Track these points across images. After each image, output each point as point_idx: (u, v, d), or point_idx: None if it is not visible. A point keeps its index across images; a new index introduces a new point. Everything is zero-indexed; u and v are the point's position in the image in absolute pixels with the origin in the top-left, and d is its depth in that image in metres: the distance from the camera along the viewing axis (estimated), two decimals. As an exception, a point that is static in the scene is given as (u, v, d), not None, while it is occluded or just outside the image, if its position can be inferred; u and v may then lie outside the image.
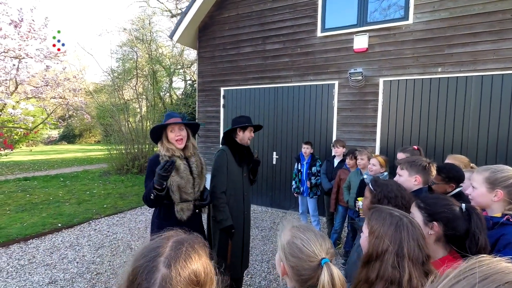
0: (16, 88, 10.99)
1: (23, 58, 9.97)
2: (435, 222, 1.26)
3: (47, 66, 11.12)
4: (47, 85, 11.16)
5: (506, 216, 1.40)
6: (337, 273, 0.87)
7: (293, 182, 4.57)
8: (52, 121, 15.78)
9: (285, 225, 1.05)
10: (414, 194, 1.79)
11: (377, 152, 4.92)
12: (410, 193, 1.63)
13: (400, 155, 2.74)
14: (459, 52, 4.42)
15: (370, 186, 1.65)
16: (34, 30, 9.67)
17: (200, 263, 0.74)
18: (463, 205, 1.26)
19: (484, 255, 0.35)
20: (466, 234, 1.21)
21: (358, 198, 2.51)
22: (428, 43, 4.60)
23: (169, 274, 0.69)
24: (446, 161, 2.47)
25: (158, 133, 2.24)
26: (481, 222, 1.20)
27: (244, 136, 2.71)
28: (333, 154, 4.50)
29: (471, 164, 2.56)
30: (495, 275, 0.30)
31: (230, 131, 2.75)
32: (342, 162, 4.19)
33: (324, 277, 0.85)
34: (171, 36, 6.63)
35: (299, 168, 4.51)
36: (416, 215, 1.32)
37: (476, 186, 1.52)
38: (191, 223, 2.23)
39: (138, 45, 14.86)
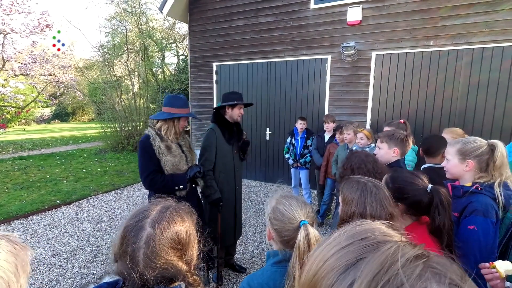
0: (4, 65, 10.70)
1: (8, 33, 9.63)
2: (399, 203, 1.32)
3: (33, 41, 10.77)
4: (35, 62, 10.88)
5: (475, 185, 1.50)
6: (313, 233, 0.96)
7: (287, 155, 4.65)
8: (44, 99, 15.47)
9: (272, 196, 1.15)
10: (393, 165, 1.88)
11: (368, 126, 5.00)
12: (374, 160, 1.70)
13: (386, 129, 2.80)
14: (452, 25, 4.38)
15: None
16: (18, 3, 9.26)
17: (182, 226, 0.85)
18: (429, 187, 1.30)
19: (366, 220, 0.45)
20: (429, 210, 1.28)
21: None
22: (422, 15, 4.53)
23: (153, 233, 0.80)
24: (443, 134, 2.53)
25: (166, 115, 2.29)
26: (442, 205, 1.24)
27: (233, 114, 2.72)
28: (324, 129, 4.57)
29: (465, 136, 2.63)
30: (355, 228, 0.43)
31: (219, 108, 2.77)
32: (333, 137, 4.27)
33: (300, 236, 0.94)
34: (160, 9, 6.41)
35: (293, 142, 4.59)
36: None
37: (449, 158, 1.61)
38: (189, 198, 2.34)
39: (127, 18, 14.31)
